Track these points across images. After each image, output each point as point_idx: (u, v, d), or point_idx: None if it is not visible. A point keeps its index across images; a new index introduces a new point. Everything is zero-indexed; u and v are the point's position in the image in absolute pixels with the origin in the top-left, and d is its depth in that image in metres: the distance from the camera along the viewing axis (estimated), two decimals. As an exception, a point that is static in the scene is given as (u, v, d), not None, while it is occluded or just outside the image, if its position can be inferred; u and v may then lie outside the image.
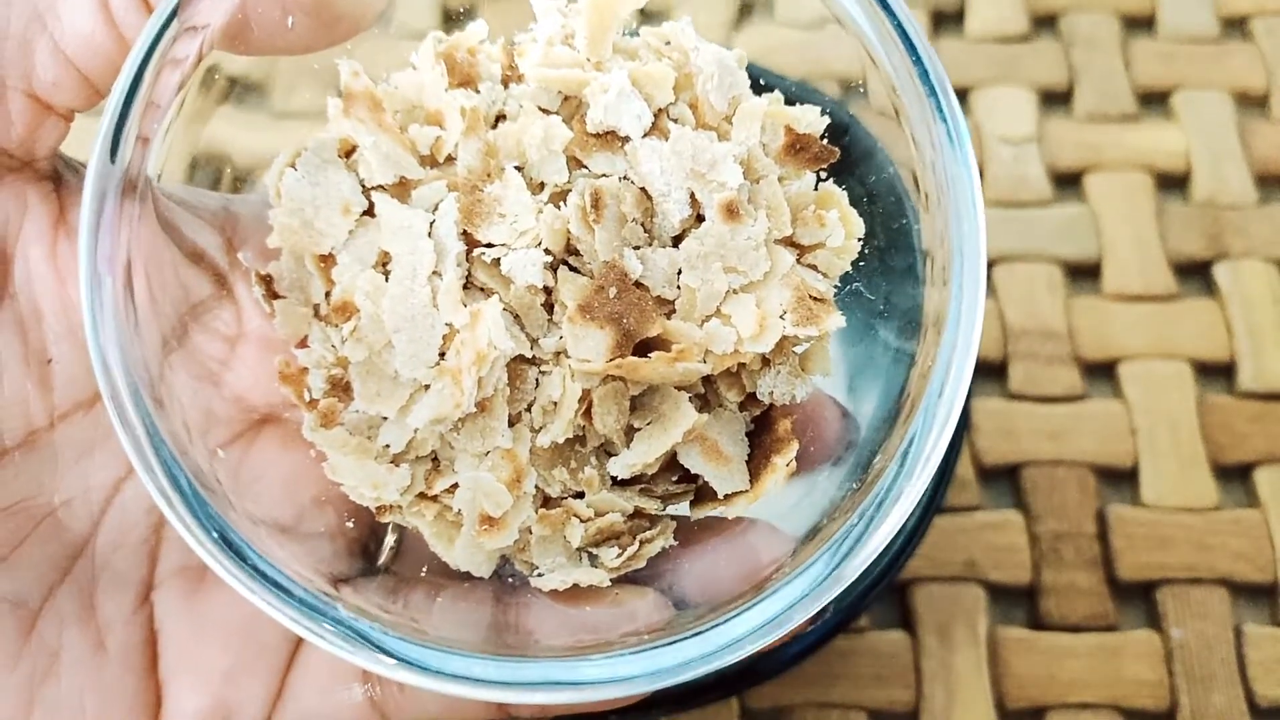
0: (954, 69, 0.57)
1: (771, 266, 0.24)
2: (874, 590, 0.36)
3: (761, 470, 0.24)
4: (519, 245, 0.23)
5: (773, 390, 0.25)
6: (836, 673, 0.43)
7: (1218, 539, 0.45)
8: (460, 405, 0.23)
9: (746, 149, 0.24)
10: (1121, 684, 0.43)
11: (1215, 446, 0.47)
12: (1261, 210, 0.53)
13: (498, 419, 0.24)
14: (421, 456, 0.25)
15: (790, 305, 0.24)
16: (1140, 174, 0.54)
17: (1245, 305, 0.50)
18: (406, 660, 0.22)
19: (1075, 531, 0.45)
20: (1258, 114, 0.56)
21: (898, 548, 0.36)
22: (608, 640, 0.23)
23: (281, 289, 0.26)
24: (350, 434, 0.24)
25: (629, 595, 0.24)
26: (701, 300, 0.24)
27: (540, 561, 0.25)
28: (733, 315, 0.24)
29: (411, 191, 0.25)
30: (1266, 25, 0.58)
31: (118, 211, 0.22)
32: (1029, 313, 0.50)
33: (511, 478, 0.24)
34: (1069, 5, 0.58)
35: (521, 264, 0.23)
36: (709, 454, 0.24)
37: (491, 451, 0.24)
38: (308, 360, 0.25)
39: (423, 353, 0.23)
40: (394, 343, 0.24)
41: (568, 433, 0.24)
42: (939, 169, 0.24)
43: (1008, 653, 0.43)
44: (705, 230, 0.24)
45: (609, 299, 0.23)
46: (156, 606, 0.26)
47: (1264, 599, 0.45)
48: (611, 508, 0.24)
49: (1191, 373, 0.49)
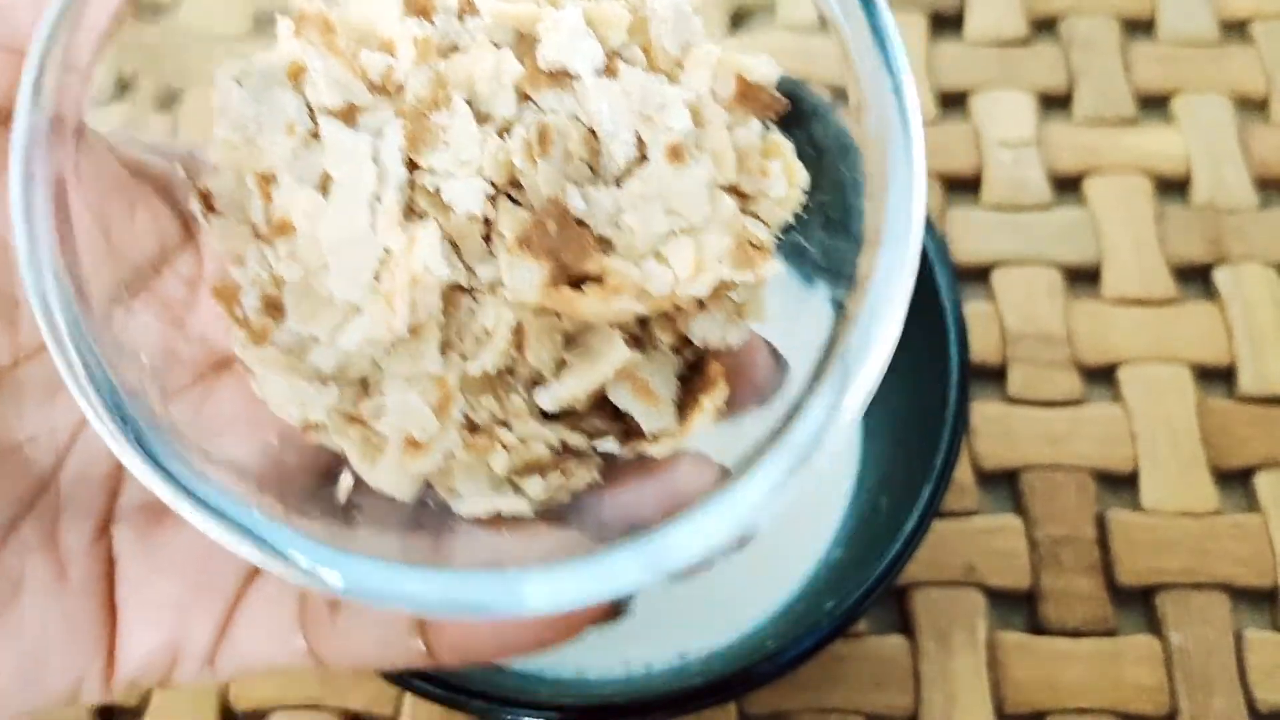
0: (953, 72, 0.57)
1: (713, 211, 0.24)
2: (872, 595, 0.36)
3: (691, 411, 0.25)
4: (462, 174, 0.24)
5: (706, 334, 0.25)
6: (835, 677, 0.42)
7: (1218, 544, 0.45)
8: (392, 328, 0.23)
9: (696, 94, 0.25)
10: (1121, 689, 0.43)
11: (1215, 451, 0.47)
12: (1262, 214, 0.53)
13: (429, 344, 0.24)
14: (351, 379, 0.25)
15: (729, 250, 0.24)
16: (1140, 177, 0.54)
17: (1245, 309, 0.50)
18: (357, 581, 0.22)
19: (1075, 536, 0.45)
20: (1258, 117, 0.56)
21: (896, 552, 0.36)
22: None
23: (220, 206, 0.26)
24: (281, 354, 0.24)
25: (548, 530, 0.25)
26: (641, 241, 0.24)
27: (464, 488, 0.25)
28: (671, 257, 0.24)
29: (358, 117, 0.25)
30: (1266, 28, 0.58)
31: (50, 145, 0.22)
32: (1028, 316, 0.50)
33: (439, 403, 0.24)
34: (1068, 8, 0.58)
35: (462, 192, 0.23)
36: (639, 392, 0.24)
37: (421, 377, 0.24)
38: (243, 278, 0.25)
39: (358, 275, 0.24)
40: (330, 264, 0.24)
41: (499, 363, 0.24)
42: (880, 121, 0.24)
43: (1007, 658, 0.43)
44: (649, 172, 0.24)
45: (548, 233, 0.23)
46: (114, 540, 0.26)
47: (1264, 604, 0.45)
48: (538, 438, 0.24)
49: (1191, 377, 0.49)
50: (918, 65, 0.57)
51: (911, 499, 0.37)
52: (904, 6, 0.59)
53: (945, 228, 0.52)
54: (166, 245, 0.26)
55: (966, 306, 0.49)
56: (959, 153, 0.54)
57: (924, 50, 0.57)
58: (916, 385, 0.41)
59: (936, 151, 0.54)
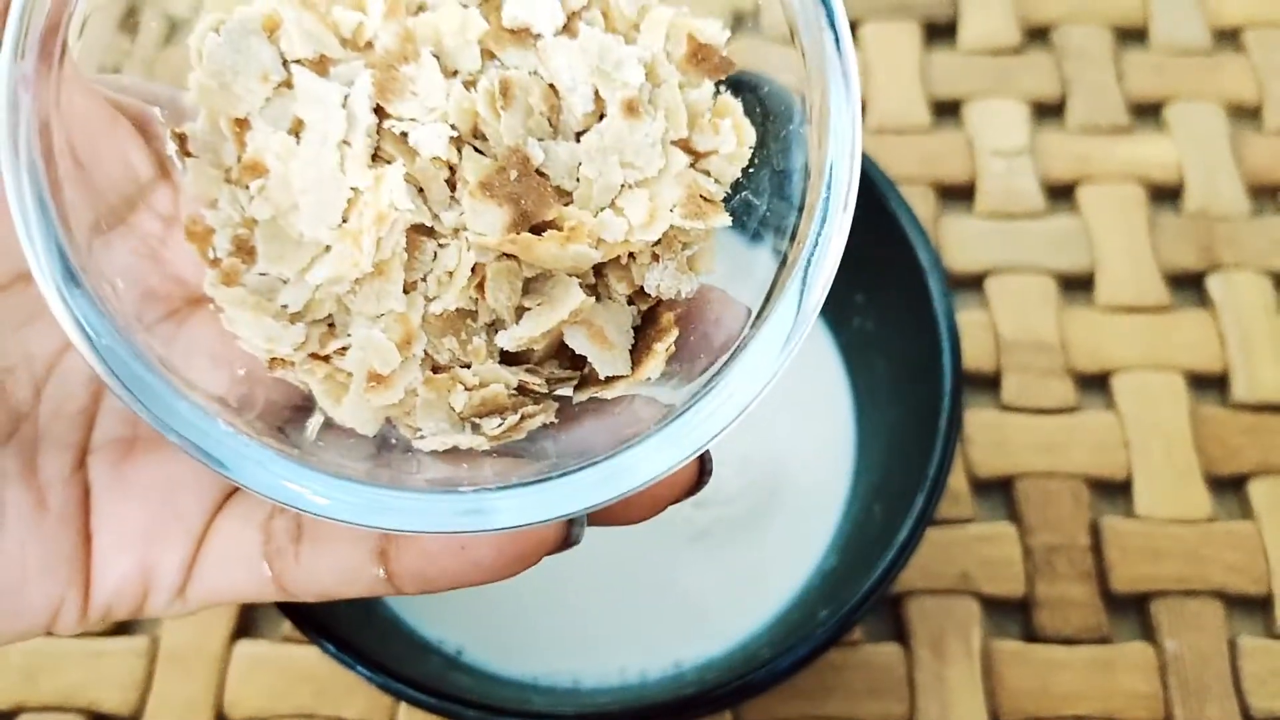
0: (946, 81, 0.57)
1: (666, 165, 0.25)
2: (867, 603, 0.36)
3: (644, 357, 0.26)
4: (428, 120, 0.25)
5: (659, 284, 0.26)
6: (830, 686, 0.42)
7: (1212, 551, 0.45)
8: (358, 264, 0.24)
9: (651, 53, 0.26)
10: (1116, 696, 0.43)
11: (1209, 458, 0.47)
12: (1254, 221, 0.53)
13: (393, 282, 0.25)
14: (318, 319, 0.26)
15: (681, 201, 0.25)
16: (1133, 186, 0.54)
17: (1238, 316, 0.50)
18: (329, 499, 0.23)
19: (1069, 544, 0.45)
20: (1250, 125, 0.56)
21: (890, 560, 0.36)
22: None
23: (195, 149, 0.26)
24: (250, 293, 0.26)
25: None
26: (598, 192, 0.25)
27: (424, 425, 0.26)
28: (625, 208, 0.25)
29: (330, 69, 0.26)
30: (1258, 37, 0.58)
31: (35, 79, 0.23)
32: (1022, 325, 0.50)
33: (402, 339, 0.25)
34: (1061, 17, 0.59)
35: (428, 137, 0.25)
36: (595, 337, 0.26)
37: (385, 314, 0.25)
38: (215, 220, 0.26)
39: (326, 214, 0.25)
40: (299, 204, 0.25)
41: (460, 302, 0.25)
42: (821, 80, 0.25)
43: (1002, 665, 0.43)
44: (606, 126, 0.25)
45: (509, 180, 0.25)
46: (90, 470, 0.27)
47: (1258, 611, 0.45)
48: (496, 379, 0.25)
49: (1185, 384, 0.49)
50: (912, 74, 0.57)
51: (906, 507, 0.37)
52: (898, 16, 0.59)
53: (939, 236, 0.52)
54: (144, 182, 0.27)
55: (960, 315, 0.49)
56: (952, 161, 0.54)
57: (918, 59, 0.57)
58: (911, 393, 0.41)
59: (930, 160, 0.54)
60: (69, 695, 0.43)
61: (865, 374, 0.45)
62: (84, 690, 0.43)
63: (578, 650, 0.40)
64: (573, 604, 0.41)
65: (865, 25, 0.58)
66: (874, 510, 0.41)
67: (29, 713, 0.43)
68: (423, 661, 0.39)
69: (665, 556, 0.42)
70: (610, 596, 0.41)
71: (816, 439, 0.44)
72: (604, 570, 0.42)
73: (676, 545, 0.42)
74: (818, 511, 0.43)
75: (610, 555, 0.42)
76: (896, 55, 0.58)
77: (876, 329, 0.44)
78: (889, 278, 0.42)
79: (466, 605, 0.41)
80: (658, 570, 0.42)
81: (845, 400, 0.45)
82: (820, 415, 0.45)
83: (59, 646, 0.44)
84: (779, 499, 0.43)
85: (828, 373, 0.45)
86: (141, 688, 0.43)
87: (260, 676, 0.43)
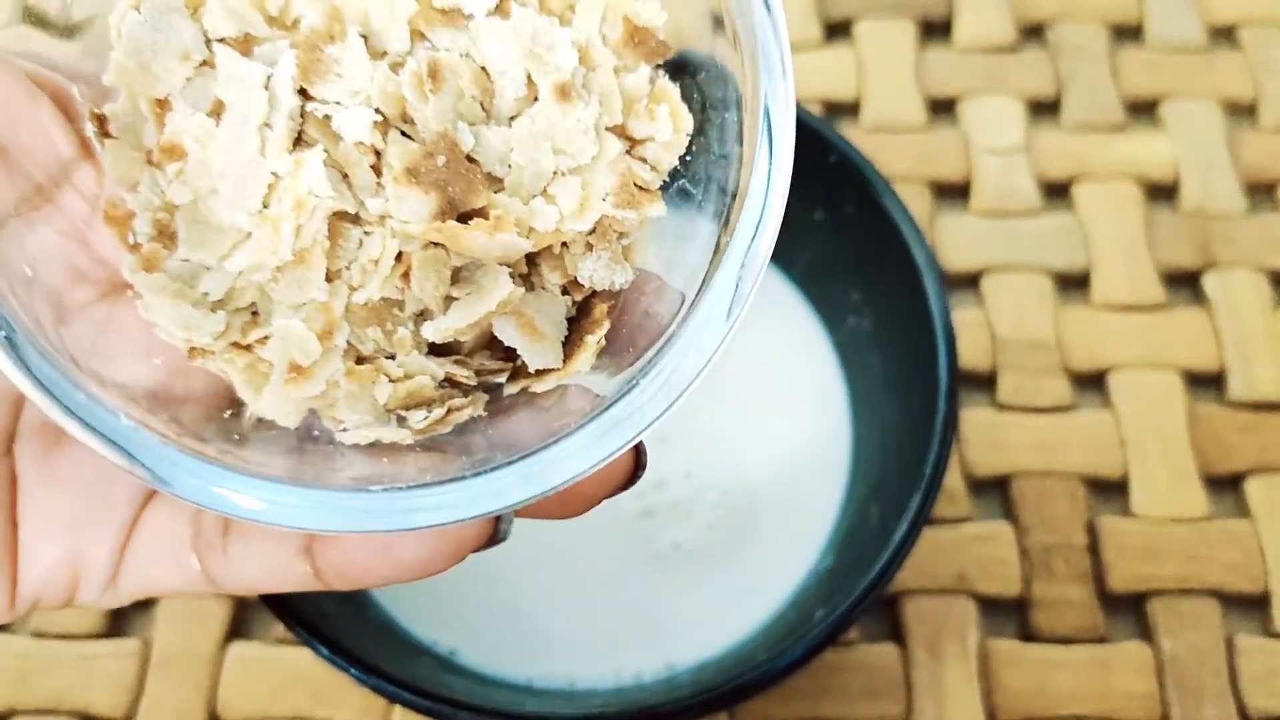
0: (942, 79, 0.57)
1: (600, 152, 0.25)
2: (863, 603, 0.36)
3: (576, 349, 0.25)
4: (352, 104, 0.24)
5: (593, 274, 0.25)
6: (826, 687, 0.42)
7: (1208, 550, 0.45)
8: (277, 252, 0.24)
9: (585, 36, 0.25)
10: (1113, 696, 0.43)
11: (1205, 457, 0.47)
12: (1250, 220, 0.53)
13: (315, 271, 0.24)
14: (240, 308, 0.25)
15: (614, 190, 0.25)
16: (1129, 184, 0.54)
17: (1234, 315, 0.50)
18: (244, 502, 0.23)
19: (1065, 543, 0.45)
20: (1246, 123, 0.56)
21: (887, 560, 0.36)
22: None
23: (115, 130, 0.26)
24: (170, 280, 0.25)
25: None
26: (529, 179, 0.25)
27: (347, 418, 0.25)
28: (557, 195, 0.25)
29: (254, 48, 0.25)
30: (1254, 34, 0.58)
31: None
32: (1018, 323, 0.50)
33: (324, 329, 0.24)
34: (1057, 15, 0.59)
35: (351, 120, 0.24)
36: (525, 329, 0.25)
37: (307, 304, 0.25)
38: (135, 204, 0.26)
39: (246, 200, 0.24)
40: (218, 188, 0.24)
41: (385, 291, 0.24)
42: (754, 61, 0.25)
43: (998, 665, 0.43)
44: (538, 110, 0.25)
45: (437, 166, 0.24)
46: (16, 458, 0.27)
47: (1255, 610, 0.45)
48: (422, 371, 0.25)
49: (1181, 383, 0.49)
50: (907, 73, 0.57)
51: (902, 507, 0.37)
52: (893, 14, 0.59)
53: (935, 234, 0.52)
54: (66, 161, 0.26)
55: (956, 313, 0.49)
56: (948, 160, 0.54)
57: (913, 57, 0.57)
58: (907, 392, 0.41)
59: (926, 159, 0.54)
60: (61, 698, 0.43)
61: (861, 373, 0.45)
62: (76, 693, 0.43)
63: (572, 652, 0.40)
64: (567, 605, 0.41)
65: (860, 23, 0.58)
66: (870, 510, 0.41)
67: (21, 716, 0.42)
68: (416, 663, 0.39)
69: (660, 557, 0.42)
70: (605, 598, 0.41)
71: (812, 438, 0.44)
72: (599, 572, 0.41)
73: (672, 546, 0.42)
74: (814, 511, 0.43)
75: (606, 557, 0.42)
76: (892, 53, 0.57)
77: (872, 327, 0.44)
78: (885, 276, 0.42)
79: (461, 606, 0.41)
80: (653, 571, 0.41)
81: (841, 399, 0.45)
82: (816, 414, 0.45)
83: (50, 649, 0.43)
84: (775, 499, 0.43)
85: (824, 371, 0.45)
86: (134, 690, 0.43)
87: (253, 679, 0.43)
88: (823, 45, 0.58)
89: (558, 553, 0.42)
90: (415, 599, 0.41)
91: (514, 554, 0.42)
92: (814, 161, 0.43)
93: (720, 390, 0.45)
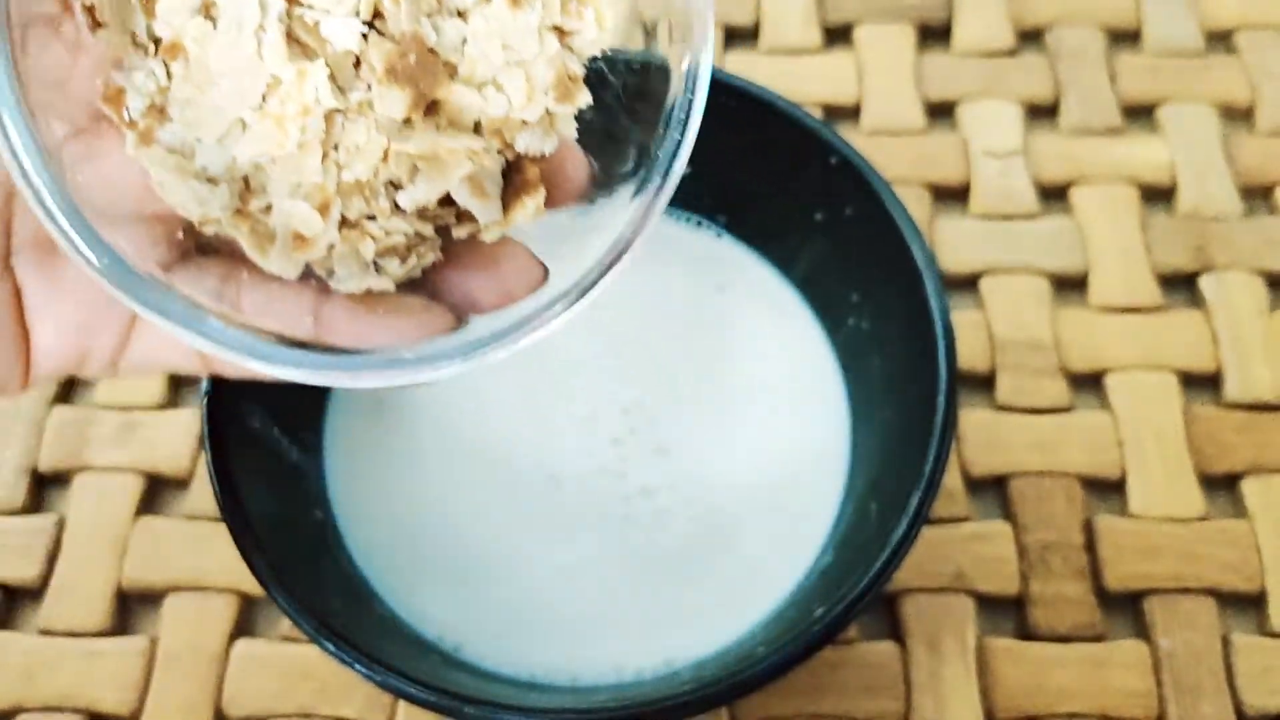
0: (940, 83, 0.57)
1: (540, 49, 0.29)
2: (862, 601, 0.36)
3: (513, 206, 0.30)
4: (338, 12, 0.28)
5: (528, 144, 0.30)
6: (825, 683, 0.43)
7: (1205, 549, 0.46)
8: (283, 145, 0.28)
9: None
10: (1110, 694, 0.43)
11: (1202, 457, 0.48)
12: (1246, 222, 0.53)
13: (313, 158, 0.28)
14: (236, 178, 0.29)
15: (552, 83, 0.29)
16: (1126, 187, 0.54)
17: (1231, 316, 0.51)
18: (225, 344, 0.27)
19: (1063, 542, 0.46)
20: (1243, 126, 0.56)
21: (886, 558, 0.37)
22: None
23: (103, 18, 0.28)
24: (168, 153, 0.28)
25: (414, 301, 0.30)
26: (481, 70, 0.29)
27: (339, 270, 0.30)
28: (506, 85, 0.29)
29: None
30: (1251, 38, 0.58)
31: None
32: (1016, 324, 0.50)
33: (321, 205, 0.29)
34: (1055, 19, 0.59)
35: (340, 29, 0.28)
36: (475, 191, 0.30)
37: (304, 183, 0.29)
38: (127, 83, 0.29)
39: (247, 95, 0.28)
40: (218, 84, 0.28)
41: (369, 174, 0.29)
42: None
43: (996, 663, 0.43)
44: (491, 12, 0.28)
45: (409, 64, 0.28)
46: (16, 271, 0.29)
47: (1251, 608, 0.45)
48: (398, 230, 0.29)
49: (1178, 384, 0.49)
50: (906, 76, 0.57)
51: (901, 505, 0.37)
52: (893, 18, 0.59)
53: (934, 236, 0.53)
54: (50, 13, 0.28)
55: (955, 315, 0.49)
56: (947, 162, 0.55)
57: (912, 61, 0.58)
58: (905, 392, 0.41)
59: (925, 162, 0.55)
60: (67, 695, 0.43)
61: (861, 373, 0.45)
62: (82, 690, 0.43)
63: (575, 648, 0.41)
64: (570, 602, 0.41)
65: (860, 27, 0.59)
66: (870, 509, 0.41)
67: (27, 713, 0.43)
68: (421, 659, 0.39)
69: (661, 555, 0.42)
70: (607, 595, 0.42)
71: (813, 437, 0.45)
72: (601, 569, 0.42)
73: (673, 544, 0.42)
74: (813, 510, 0.43)
75: (608, 555, 0.42)
76: (891, 57, 0.58)
77: (872, 328, 0.44)
78: (884, 278, 0.43)
79: (465, 604, 0.41)
80: (653, 569, 0.42)
81: (841, 398, 0.45)
82: (816, 413, 0.45)
83: (56, 646, 0.44)
84: (775, 498, 0.43)
85: (823, 371, 0.45)
86: (140, 687, 0.43)
87: (259, 676, 0.43)
88: (823, 49, 0.59)
89: (560, 550, 0.42)
90: (421, 597, 0.41)
91: (518, 551, 0.42)
92: (814, 164, 0.44)
93: (721, 390, 0.45)
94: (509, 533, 0.42)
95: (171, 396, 0.49)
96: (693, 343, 0.46)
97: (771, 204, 0.46)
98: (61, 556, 0.46)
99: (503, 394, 0.45)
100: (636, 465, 0.44)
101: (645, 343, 0.46)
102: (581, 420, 0.44)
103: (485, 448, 0.44)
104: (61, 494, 0.48)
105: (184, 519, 0.47)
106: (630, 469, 0.43)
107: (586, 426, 0.44)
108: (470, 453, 0.44)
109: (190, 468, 0.47)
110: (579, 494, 0.43)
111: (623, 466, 0.44)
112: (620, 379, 0.45)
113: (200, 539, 0.46)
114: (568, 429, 0.44)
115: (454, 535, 0.42)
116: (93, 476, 0.47)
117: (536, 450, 0.44)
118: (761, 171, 0.46)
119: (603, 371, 0.45)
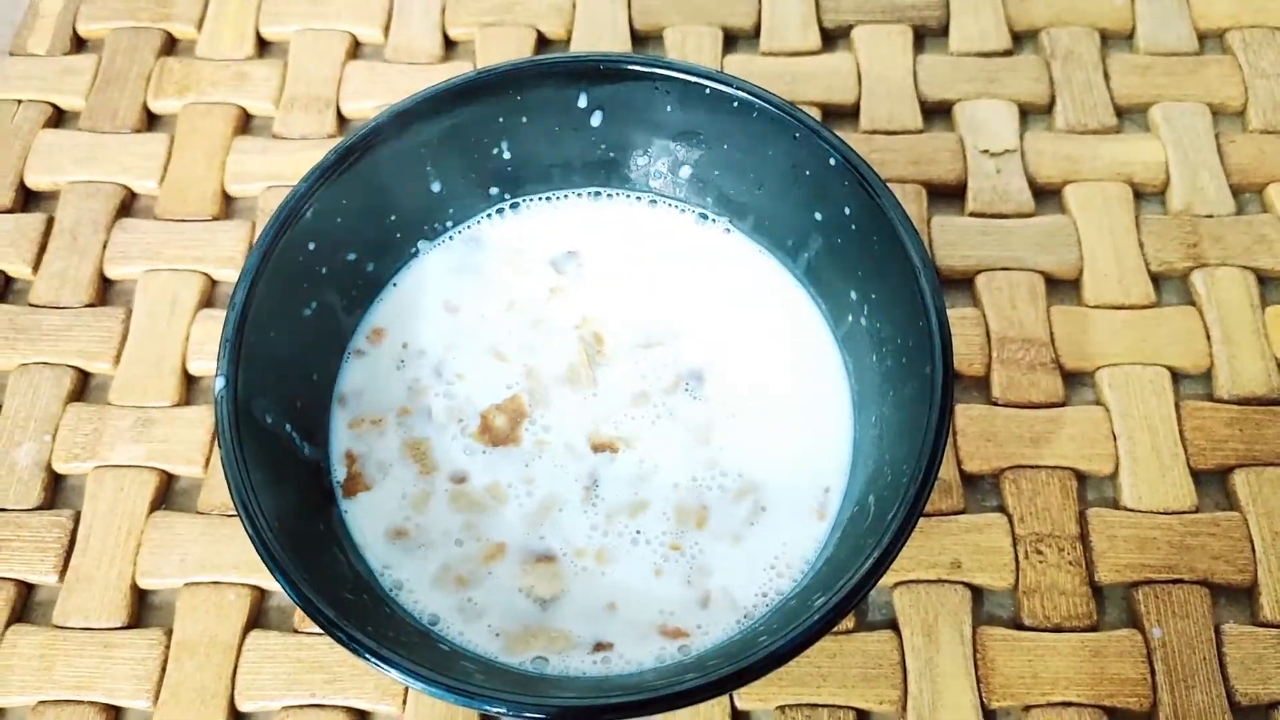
0: (937, 83, 0.58)
1: None
2: (862, 591, 0.37)
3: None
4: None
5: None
6: (825, 671, 0.44)
7: (1197, 540, 0.46)
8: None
9: None
10: (1104, 683, 0.44)
11: (1194, 450, 0.48)
12: (1238, 219, 0.54)
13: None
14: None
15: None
16: (1119, 185, 0.55)
17: (1222, 312, 0.51)
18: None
19: (1057, 533, 0.46)
20: (1234, 125, 0.57)
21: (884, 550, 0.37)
22: None
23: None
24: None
25: None
26: None
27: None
28: None
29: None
30: (1243, 38, 0.59)
31: None
32: (1011, 321, 0.51)
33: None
34: (1049, 20, 0.60)
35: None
36: None
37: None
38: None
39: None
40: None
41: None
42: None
43: (992, 652, 0.44)
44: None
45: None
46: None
47: (1243, 598, 0.46)
48: None
49: (1170, 379, 0.50)
50: (903, 77, 0.58)
51: (899, 498, 0.38)
52: (889, 19, 0.60)
53: (930, 234, 0.53)
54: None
55: (951, 311, 0.50)
56: (943, 162, 0.55)
57: (909, 62, 0.58)
58: (902, 388, 0.42)
59: (921, 160, 0.55)
60: (83, 686, 0.44)
61: (860, 368, 0.46)
62: (98, 681, 0.44)
63: (582, 639, 0.41)
64: (578, 595, 0.42)
65: (858, 28, 0.59)
66: (868, 501, 0.42)
67: (45, 705, 0.44)
68: (432, 649, 0.40)
69: (665, 548, 0.43)
70: (612, 588, 0.42)
71: (816, 432, 0.45)
72: (607, 564, 0.42)
73: (676, 537, 0.43)
74: (814, 501, 0.44)
75: (613, 550, 0.43)
76: (888, 58, 0.59)
77: (869, 324, 0.45)
78: (883, 275, 0.43)
79: (477, 596, 0.42)
80: (657, 561, 0.42)
81: (844, 392, 0.46)
82: (821, 408, 0.45)
83: (73, 639, 0.45)
84: (777, 490, 0.44)
85: (829, 367, 0.46)
86: (155, 678, 0.44)
87: (272, 666, 0.44)
88: (822, 51, 0.59)
89: (566, 548, 0.43)
90: (429, 588, 0.42)
91: (524, 550, 0.43)
92: (814, 164, 0.44)
93: (727, 385, 0.46)
94: (511, 524, 0.43)
95: (185, 394, 0.50)
96: (701, 336, 0.47)
97: (772, 204, 0.47)
98: (77, 551, 0.47)
99: (511, 380, 0.46)
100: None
101: (654, 333, 0.47)
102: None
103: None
104: (77, 490, 0.49)
105: (197, 514, 0.47)
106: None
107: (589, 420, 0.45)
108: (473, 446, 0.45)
109: (204, 464, 0.48)
110: (583, 487, 0.44)
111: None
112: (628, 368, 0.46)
113: (213, 533, 0.47)
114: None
115: (458, 528, 0.43)
116: (108, 473, 0.48)
117: (545, 435, 0.45)
118: (762, 171, 0.46)
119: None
